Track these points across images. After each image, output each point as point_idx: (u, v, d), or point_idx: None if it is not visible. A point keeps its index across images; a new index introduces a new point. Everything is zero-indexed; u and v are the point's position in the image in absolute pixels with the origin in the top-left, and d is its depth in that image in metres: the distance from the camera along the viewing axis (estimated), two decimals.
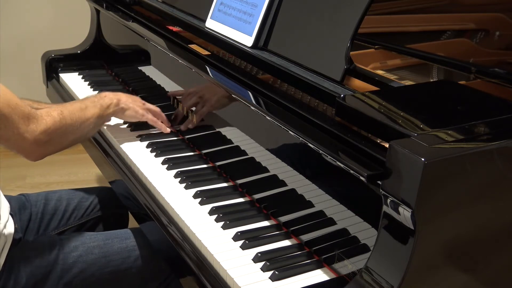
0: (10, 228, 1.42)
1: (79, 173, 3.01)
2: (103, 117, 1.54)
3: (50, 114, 1.36)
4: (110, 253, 1.45)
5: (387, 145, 0.94)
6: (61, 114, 1.38)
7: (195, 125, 1.61)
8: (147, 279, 1.48)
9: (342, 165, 1.05)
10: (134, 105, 1.63)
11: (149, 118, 1.65)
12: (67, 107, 1.44)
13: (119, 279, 1.46)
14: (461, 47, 1.57)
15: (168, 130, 1.67)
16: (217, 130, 1.55)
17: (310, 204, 1.22)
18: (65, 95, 2.11)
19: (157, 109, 1.69)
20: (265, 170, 1.36)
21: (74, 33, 2.52)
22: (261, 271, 1.14)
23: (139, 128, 1.71)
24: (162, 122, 1.67)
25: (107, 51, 2.29)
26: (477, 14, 1.57)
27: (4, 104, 1.24)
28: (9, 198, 1.57)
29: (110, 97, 1.58)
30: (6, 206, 1.47)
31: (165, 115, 1.79)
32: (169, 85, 1.79)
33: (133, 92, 2.02)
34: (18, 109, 1.27)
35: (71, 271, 1.40)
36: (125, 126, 1.75)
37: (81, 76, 2.19)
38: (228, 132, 1.50)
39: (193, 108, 1.63)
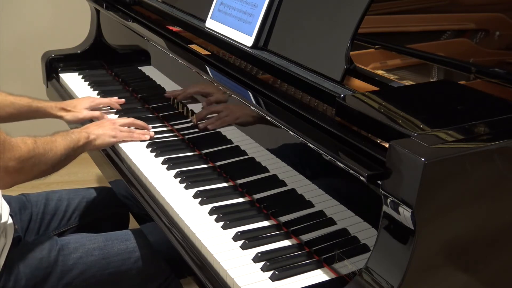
0: (10, 229, 1.42)
1: (79, 173, 3.01)
2: (74, 149, 1.49)
3: (25, 142, 1.32)
4: (110, 255, 1.45)
5: (387, 145, 0.94)
6: (35, 143, 1.34)
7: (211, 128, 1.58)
8: (147, 279, 1.48)
9: (342, 165, 1.05)
10: (104, 131, 1.61)
11: (124, 136, 1.64)
12: (39, 138, 1.40)
13: (119, 280, 1.46)
14: (461, 47, 1.57)
15: (152, 134, 1.68)
16: (217, 130, 1.55)
17: (310, 204, 1.22)
18: (65, 95, 2.11)
19: (129, 120, 1.69)
20: (265, 170, 1.36)
21: (74, 33, 2.52)
22: (261, 271, 1.14)
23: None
24: (140, 127, 1.68)
25: (107, 51, 2.29)
26: (477, 14, 1.57)
27: None
28: (9, 198, 1.57)
29: (78, 131, 1.55)
30: (6, 207, 1.47)
31: (165, 115, 1.79)
32: (169, 85, 1.79)
33: (133, 92, 2.02)
34: None
35: (71, 272, 1.40)
36: None
37: (81, 76, 2.19)
38: (228, 132, 1.50)
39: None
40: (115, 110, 1.87)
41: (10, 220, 1.46)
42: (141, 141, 1.66)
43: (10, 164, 1.28)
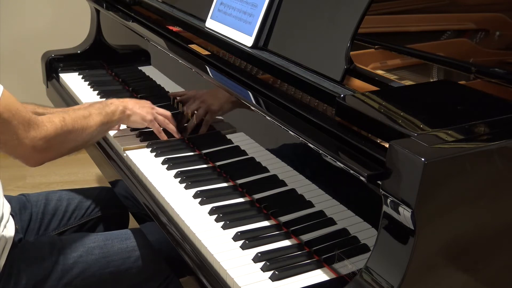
0: (10, 229, 1.42)
1: (79, 173, 3.01)
2: (108, 124, 1.52)
3: (51, 121, 1.35)
4: (111, 254, 1.45)
5: (387, 145, 0.94)
6: (63, 121, 1.36)
7: (203, 132, 1.60)
8: (147, 279, 1.48)
9: (342, 165, 1.05)
10: (142, 111, 1.60)
11: (155, 127, 1.62)
12: (70, 114, 1.42)
13: (120, 279, 1.46)
14: (461, 47, 1.57)
15: (179, 134, 1.65)
16: (217, 130, 1.55)
17: (310, 204, 1.22)
18: (65, 95, 2.11)
19: (168, 113, 1.66)
20: (265, 170, 1.36)
21: (74, 33, 2.52)
22: (261, 271, 1.14)
23: (138, 128, 1.71)
24: (172, 126, 1.65)
25: (107, 51, 2.29)
26: (477, 14, 1.57)
27: (5, 109, 1.23)
28: (9, 198, 1.57)
29: (116, 104, 1.56)
30: (7, 206, 1.47)
31: None
32: (169, 85, 1.79)
33: (133, 92, 2.02)
34: (19, 114, 1.26)
35: (72, 271, 1.40)
36: (125, 126, 1.75)
37: (81, 76, 2.19)
38: (228, 132, 1.50)
39: (195, 112, 1.62)
40: None
41: (11, 220, 1.46)
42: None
43: (37, 143, 1.30)
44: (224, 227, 1.27)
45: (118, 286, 1.46)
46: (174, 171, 1.49)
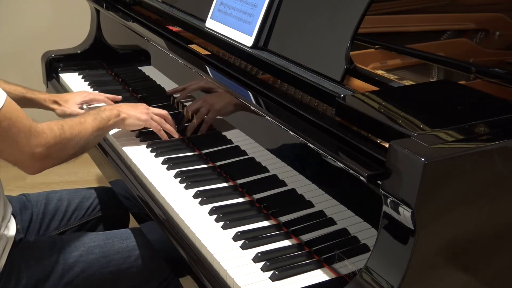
0: (12, 228, 1.43)
1: (79, 173, 3.02)
2: (103, 129, 1.52)
3: (51, 128, 1.34)
4: (111, 253, 1.45)
5: (387, 145, 0.94)
6: (62, 129, 1.36)
7: (203, 131, 1.60)
8: (147, 278, 1.48)
9: (342, 165, 1.05)
10: (136, 113, 1.60)
11: (153, 125, 1.62)
12: (67, 121, 1.42)
13: (120, 279, 1.46)
14: (461, 47, 1.57)
15: (177, 134, 1.65)
16: (217, 130, 1.55)
17: (310, 204, 1.22)
18: None
19: (164, 112, 1.65)
20: (265, 170, 1.36)
21: (74, 33, 2.52)
22: (261, 271, 1.14)
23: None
24: (170, 125, 1.65)
25: (107, 51, 2.29)
26: (477, 14, 1.57)
27: (5, 117, 1.22)
28: (10, 198, 1.57)
29: (110, 109, 1.56)
30: (9, 206, 1.47)
31: None
32: (169, 85, 1.79)
33: (133, 92, 2.02)
34: (20, 122, 1.26)
35: (72, 270, 1.40)
36: None
37: (81, 76, 2.19)
38: (228, 132, 1.51)
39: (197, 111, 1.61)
40: None
41: (13, 220, 1.46)
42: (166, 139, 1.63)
43: (37, 151, 1.30)
44: (224, 227, 1.27)
45: (118, 285, 1.46)
46: (174, 171, 1.49)
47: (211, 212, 1.32)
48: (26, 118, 1.28)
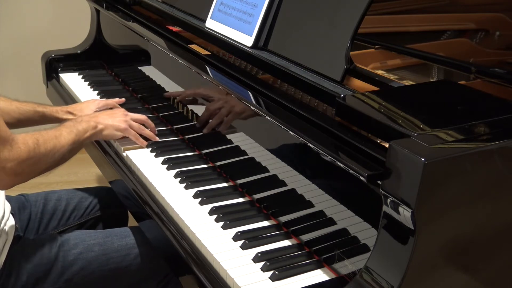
0: (11, 227, 1.43)
1: (79, 173, 3.01)
2: (80, 142, 1.47)
3: (25, 143, 1.28)
4: (110, 251, 1.45)
5: (387, 145, 0.94)
6: (37, 143, 1.31)
7: (223, 131, 1.58)
8: (147, 276, 1.49)
9: (342, 165, 1.05)
10: (114, 122, 1.57)
11: (131, 134, 1.60)
12: (43, 135, 1.36)
13: (119, 277, 1.46)
14: (461, 47, 1.57)
15: (157, 138, 1.64)
16: (217, 130, 1.55)
17: (310, 204, 1.22)
18: (65, 95, 2.11)
19: (143, 117, 1.64)
20: (265, 170, 1.36)
21: (74, 33, 2.52)
22: (261, 271, 1.14)
23: None
24: (150, 129, 1.64)
25: (107, 51, 2.29)
26: (477, 14, 1.57)
27: None
28: (8, 198, 1.57)
29: (87, 120, 1.52)
30: (8, 204, 1.47)
31: (166, 115, 1.79)
32: (169, 85, 1.79)
33: (133, 92, 2.02)
34: None
35: (72, 268, 1.40)
36: None
37: (81, 76, 2.19)
38: (228, 132, 1.50)
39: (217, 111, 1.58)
40: None
41: (11, 218, 1.46)
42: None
43: (8, 165, 1.24)
44: (224, 227, 1.27)
45: (117, 283, 1.47)
46: (174, 171, 1.49)
47: (211, 212, 1.32)
48: (4, 130, 1.22)
